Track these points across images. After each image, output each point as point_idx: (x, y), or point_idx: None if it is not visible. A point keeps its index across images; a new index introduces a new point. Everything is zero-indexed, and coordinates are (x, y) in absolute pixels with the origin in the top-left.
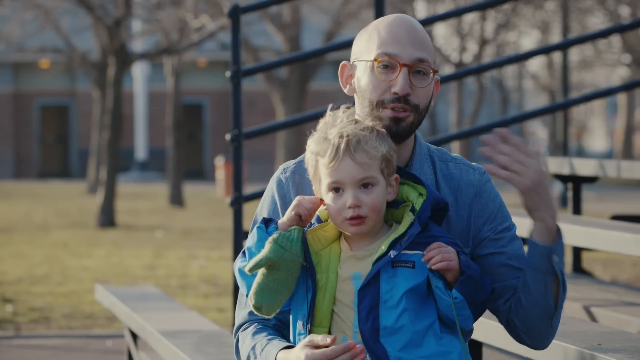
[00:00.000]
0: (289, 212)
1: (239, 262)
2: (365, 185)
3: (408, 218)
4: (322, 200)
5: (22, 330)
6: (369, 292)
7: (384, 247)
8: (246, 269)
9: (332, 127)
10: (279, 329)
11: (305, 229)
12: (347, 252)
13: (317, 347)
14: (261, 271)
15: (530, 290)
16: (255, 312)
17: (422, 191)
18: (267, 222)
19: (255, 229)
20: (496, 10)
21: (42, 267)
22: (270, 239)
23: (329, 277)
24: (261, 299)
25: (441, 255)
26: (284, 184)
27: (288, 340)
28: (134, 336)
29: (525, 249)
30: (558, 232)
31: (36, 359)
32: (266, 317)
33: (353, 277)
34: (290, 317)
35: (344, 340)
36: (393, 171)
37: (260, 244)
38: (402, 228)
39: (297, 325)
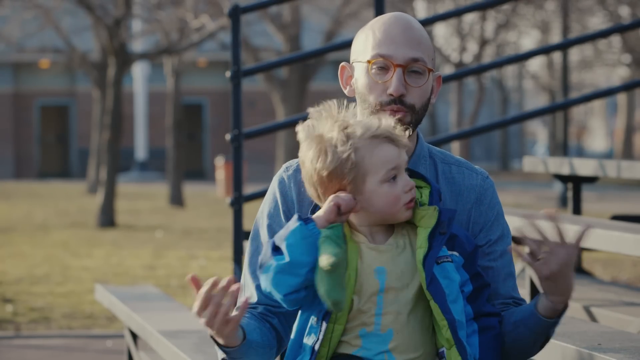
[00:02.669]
0: (327, 204)
1: (272, 260)
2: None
3: (426, 211)
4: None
5: (22, 330)
6: (436, 288)
7: (424, 246)
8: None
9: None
10: (266, 317)
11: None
12: (367, 244)
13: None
14: (326, 270)
15: (519, 338)
16: (335, 310)
17: (420, 184)
18: (304, 219)
19: (296, 226)
20: (496, 10)
21: (42, 267)
22: (323, 237)
23: (350, 274)
24: (337, 296)
25: None
26: (285, 182)
27: (280, 328)
28: (134, 336)
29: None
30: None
31: (36, 359)
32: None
33: (377, 271)
34: (300, 311)
35: (363, 333)
36: None
37: (304, 241)
38: (430, 221)
39: (310, 320)
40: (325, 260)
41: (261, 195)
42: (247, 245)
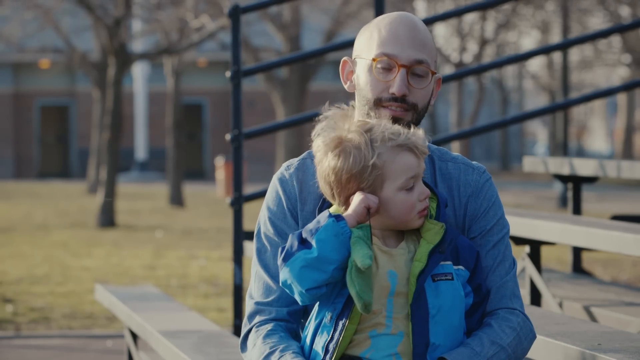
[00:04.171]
0: (358, 206)
1: (299, 253)
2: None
3: (434, 226)
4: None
5: (22, 330)
6: (419, 306)
7: (422, 260)
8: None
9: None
10: (288, 329)
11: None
12: (380, 246)
13: None
14: (358, 271)
15: None
16: (364, 312)
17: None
18: (335, 216)
19: (327, 222)
20: (496, 10)
21: (42, 267)
22: (355, 237)
23: None
24: (369, 297)
25: None
26: (287, 180)
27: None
28: (134, 336)
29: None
30: None
31: (36, 359)
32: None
33: (389, 274)
34: (316, 306)
35: (373, 334)
36: None
37: (336, 239)
38: (434, 237)
39: (324, 319)
40: (363, 259)
41: (261, 195)
42: (253, 243)
